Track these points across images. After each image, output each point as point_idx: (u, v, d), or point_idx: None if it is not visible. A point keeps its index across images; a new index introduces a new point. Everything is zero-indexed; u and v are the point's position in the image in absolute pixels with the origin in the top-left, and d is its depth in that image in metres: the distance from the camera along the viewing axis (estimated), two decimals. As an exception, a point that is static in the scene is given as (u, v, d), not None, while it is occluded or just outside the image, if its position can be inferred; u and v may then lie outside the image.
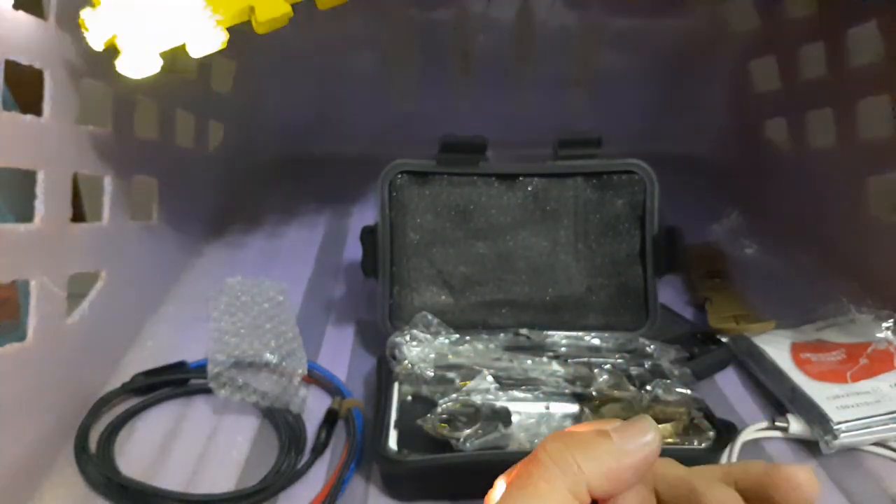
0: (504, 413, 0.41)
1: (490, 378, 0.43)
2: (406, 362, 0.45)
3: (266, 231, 0.75)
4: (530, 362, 0.45)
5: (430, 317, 0.49)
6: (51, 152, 0.43)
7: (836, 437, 0.43)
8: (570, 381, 0.45)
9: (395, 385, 0.45)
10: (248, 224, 0.75)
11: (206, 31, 0.38)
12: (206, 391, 0.48)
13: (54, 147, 0.43)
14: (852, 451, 0.44)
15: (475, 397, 0.42)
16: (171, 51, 0.39)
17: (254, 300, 0.57)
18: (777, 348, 0.51)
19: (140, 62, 0.38)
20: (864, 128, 0.62)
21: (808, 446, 0.45)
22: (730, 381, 0.51)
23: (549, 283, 0.51)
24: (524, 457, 0.22)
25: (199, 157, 0.70)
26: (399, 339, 0.46)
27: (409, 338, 0.46)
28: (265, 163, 0.90)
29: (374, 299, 0.51)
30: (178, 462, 0.43)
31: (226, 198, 0.78)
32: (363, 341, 0.56)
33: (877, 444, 0.44)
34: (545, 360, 0.46)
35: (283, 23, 0.40)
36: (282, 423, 0.45)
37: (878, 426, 0.43)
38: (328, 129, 0.90)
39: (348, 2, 0.42)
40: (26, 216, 0.41)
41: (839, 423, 0.43)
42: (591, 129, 0.50)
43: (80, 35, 0.40)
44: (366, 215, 0.72)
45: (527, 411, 0.43)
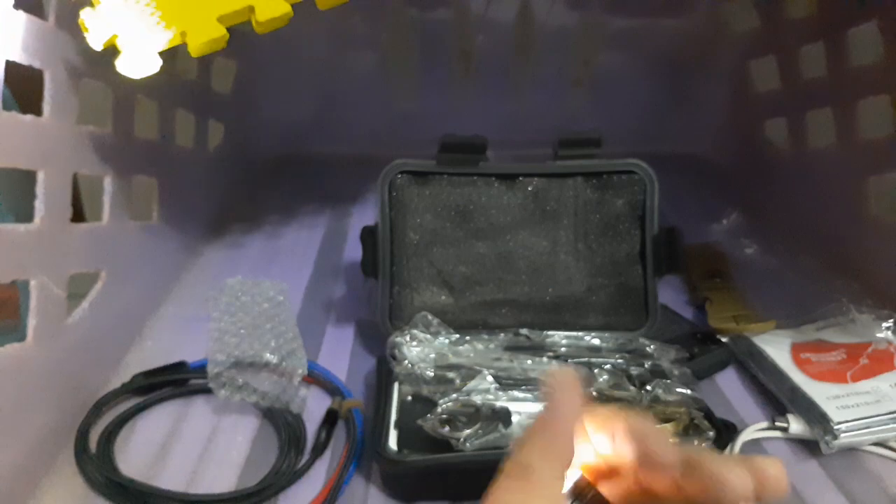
0: (504, 413, 0.41)
1: (490, 378, 0.43)
2: (406, 362, 0.45)
3: (266, 231, 0.75)
4: (530, 362, 0.45)
5: (430, 317, 0.49)
6: (51, 152, 0.43)
7: (836, 437, 0.43)
8: (570, 381, 0.45)
9: (395, 385, 0.45)
10: (247, 224, 0.75)
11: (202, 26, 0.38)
12: (206, 391, 0.48)
13: (54, 147, 0.43)
14: (852, 451, 0.44)
15: (475, 397, 0.42)
16: (172, 51, 0.39)
17: (254, 300, 0.57)
18: (777, 348, 0.51)
19: (140, 62, 0.38)
20: (864, 128, 0.62)
21: (808, 446, 0.45)
22: (730, 381, 0.51)
23: (549, 283, 0.51)
24: None
25: (199, 157, 0.70)
26: (399, 339, 0.46)
27: (409, 338, 0.46)
28: (265, 163, 0.90)
29: (374, 299, 0.51)
30: (178, 462, 0.43)
31: (226, 198, 0.78)
32: (363, 341, 0.56)
33: (877, 444, 0.44)
34: (545, 360, 0.46)
35: (283, 23, 0.40)
36: (282, 423, 0.45)
37: (878, 426, 0.43)
38: (328, 129, 0.90)
39: (348, 2, 0.42)
40: (26, 216, 0.41)
41: (839, 423, 0.43)
42: (591, 129, 0.50)
43: (80, 35, 0.40)
44: (366, 215, 0.72)
45: (527, 411, 0.43)
